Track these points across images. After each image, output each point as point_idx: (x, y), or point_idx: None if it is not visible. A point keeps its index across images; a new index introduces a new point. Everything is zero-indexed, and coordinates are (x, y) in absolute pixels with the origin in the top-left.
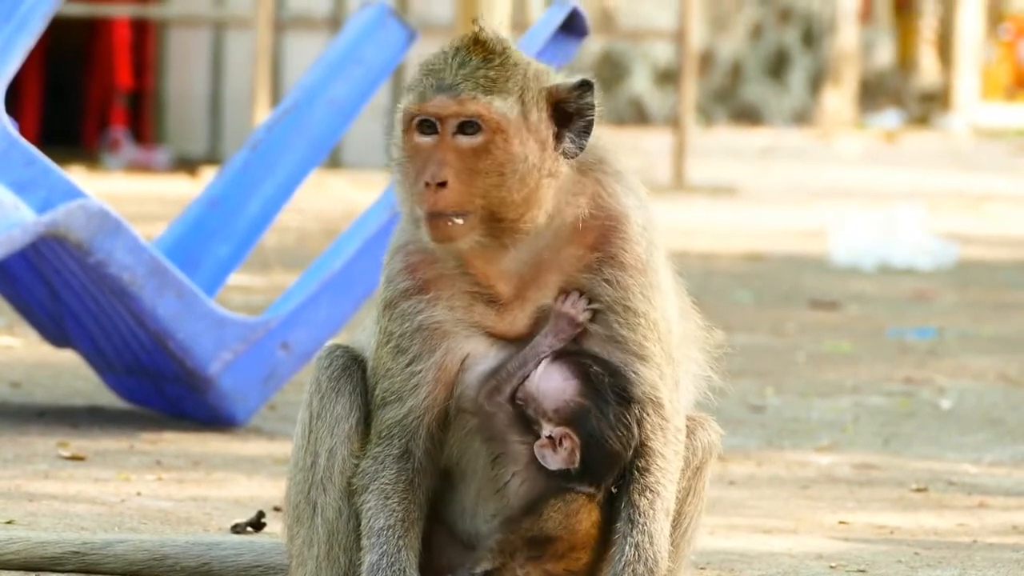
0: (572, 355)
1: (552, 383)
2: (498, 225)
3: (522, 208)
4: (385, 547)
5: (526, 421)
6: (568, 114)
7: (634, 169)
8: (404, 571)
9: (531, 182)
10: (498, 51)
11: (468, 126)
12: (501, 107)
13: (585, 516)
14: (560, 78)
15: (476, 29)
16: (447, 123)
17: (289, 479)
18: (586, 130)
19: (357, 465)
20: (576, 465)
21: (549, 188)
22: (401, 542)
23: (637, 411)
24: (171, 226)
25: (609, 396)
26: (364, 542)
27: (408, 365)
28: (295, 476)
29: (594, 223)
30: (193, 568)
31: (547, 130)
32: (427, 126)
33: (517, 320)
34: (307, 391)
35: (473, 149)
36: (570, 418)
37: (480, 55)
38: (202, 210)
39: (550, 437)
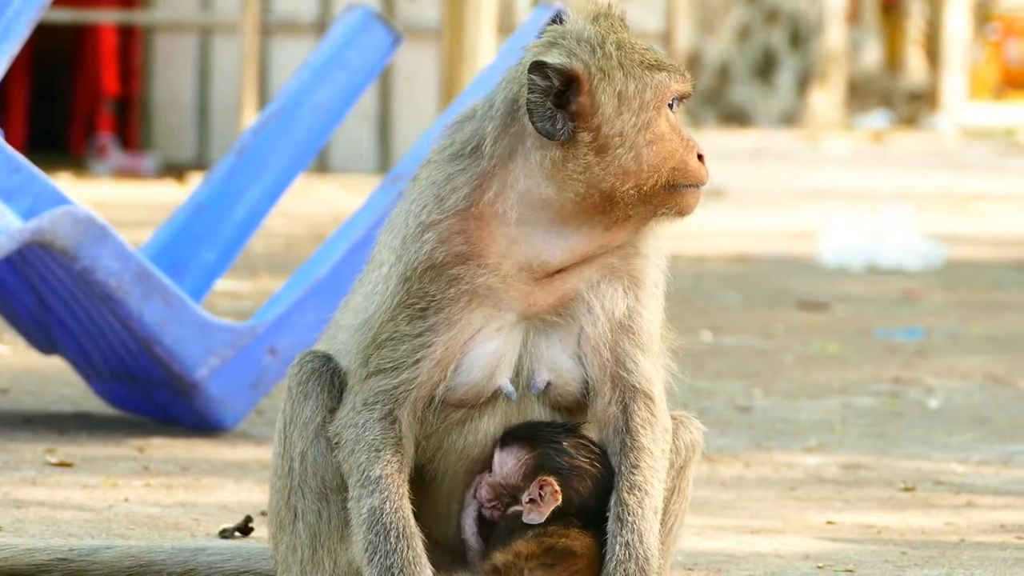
0: (508, 434)
1: (509, 464)
2: None
3: None
4: (387, 493)
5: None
6: None
7: None
8: (408, 519)
9: None
10: None
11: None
12: None
13: None
14: None
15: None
16: (678, 103)
17: (271, 487)
18: None
19: (337, 439)
20: (560, 502)
21: None
22: (401, 490)
23: (590, 432)
24: (157, 232)
25: (556, 434)
26: (358, 491)
27: (421, 335)
28: (275, 483)
29: None
30: (180, 574)
31: None
32: (672, 104)
33: (554, 291)
34: (282, 399)
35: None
36: (535, 470)
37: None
38: (188, 216)
39: (531, 500)
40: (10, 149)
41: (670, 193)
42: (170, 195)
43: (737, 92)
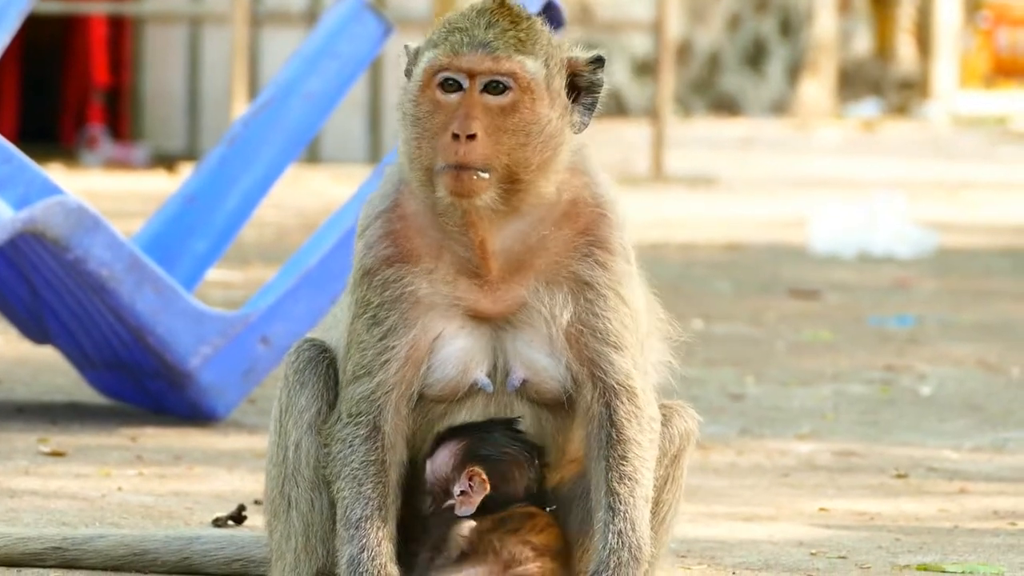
0: (441, 435)
1: (440, 458)
2: (513, 188)
3: (539, 173)
4: (365, 540)
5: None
6: (578, 88)
7: (614, 161)
8: (385, 566)
9: (552, 147)
10: (524, 16)
11: (496, 84)
12: (532, 67)
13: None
14: (577, 51)
15: None
16: (476, 80)
17: (266, 474)
18: (592, 107)
19: (327, 450)
20: (489, 490)
21: (564, 157)
22: (380, 534)
23: (519, 424)
24: (149, 222)
25: (488, 426)
26: (342, 532)
27: (383, 338)
28: (270, 471)
29: (584, 208)
30: (174, 562)
31: (565, 99)
32: (452, 83)
33: (500, 299)
34: (278, 387)
35: (501, 107)
36: (465, 459)
37: (507, 18)
38: (180, 206)
39: (463, 492)
40: (1, 139)
41: (439, 175)
42: (161, 186)
43: (727, 81)
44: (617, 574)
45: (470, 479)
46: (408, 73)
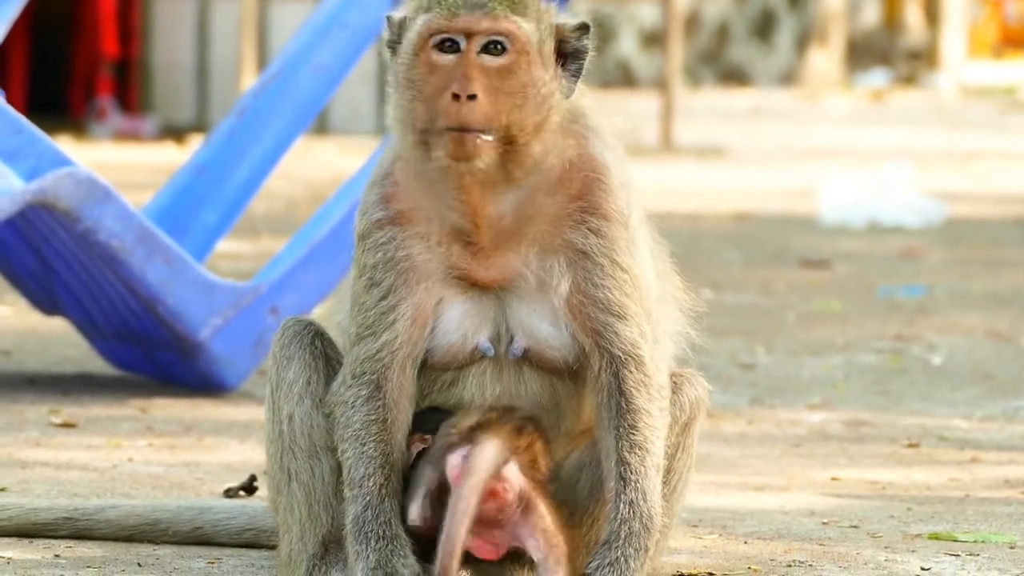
0: None
1: None
2: (509, 150)
3: (533, 136)
4: (368, 498)
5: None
6: (564, 54)
7: (619, 130)
8: (389, 522)
9: (545, 109)
10: None
11: (494, 45)
12: (528, 29)
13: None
14: (563, 17)
15: None
16: (474, 40)
17: (266, 452)
18: (577, 73)
19: (331, 418)
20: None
21: (554, 121)
22: (383, 491)
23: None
24: (158, 194)
25: (421, 411)
26: (347, 493)
27: (383, 298)
28: (269, 448)
29: (577, 174)
30: (185, 532)
31: (554, 63)
32: (449, 44)
33: (493, 267)
34: (268, 365)
35: (498, 68)
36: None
37: None
38: (189, 177)
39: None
40: (12, 111)
41: (440, 136)
42: (170, 157)
43: (736, 52)
44: (628, 544)
45: (410, 448)
46: (392, 45)
